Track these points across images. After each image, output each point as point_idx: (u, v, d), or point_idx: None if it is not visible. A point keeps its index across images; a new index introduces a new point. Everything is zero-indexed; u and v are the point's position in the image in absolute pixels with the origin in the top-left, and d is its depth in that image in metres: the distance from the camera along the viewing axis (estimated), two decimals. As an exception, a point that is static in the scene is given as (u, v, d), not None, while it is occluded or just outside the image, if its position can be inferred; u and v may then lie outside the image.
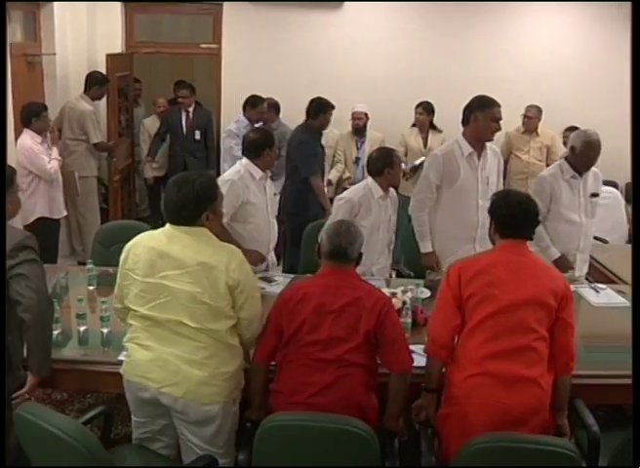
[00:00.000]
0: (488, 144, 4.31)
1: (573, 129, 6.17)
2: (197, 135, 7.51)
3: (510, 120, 6.85)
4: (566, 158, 4.44)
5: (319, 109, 5.82)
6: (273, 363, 3.03)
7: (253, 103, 6.68)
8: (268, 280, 4.25)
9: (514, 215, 2.98)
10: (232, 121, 6.85)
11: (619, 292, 4.38)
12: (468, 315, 2.91)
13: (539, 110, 7.13)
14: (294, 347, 2.92)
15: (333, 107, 5.87)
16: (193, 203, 2.76)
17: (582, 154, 4.32)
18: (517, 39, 7.74)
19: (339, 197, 4.42)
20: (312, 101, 5.91)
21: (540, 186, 4.41)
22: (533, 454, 2.50)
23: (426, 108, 6.92)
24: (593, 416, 3.03)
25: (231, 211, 4.09)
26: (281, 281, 4.26)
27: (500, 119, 4.14)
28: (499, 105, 4.14)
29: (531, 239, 3.03)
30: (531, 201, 3.07)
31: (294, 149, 5.84)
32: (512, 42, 7.73)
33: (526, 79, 7.59)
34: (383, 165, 4.26)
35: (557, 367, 2.92)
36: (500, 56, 7.71)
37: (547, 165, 6.98)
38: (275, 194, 4.65)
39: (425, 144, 6.91)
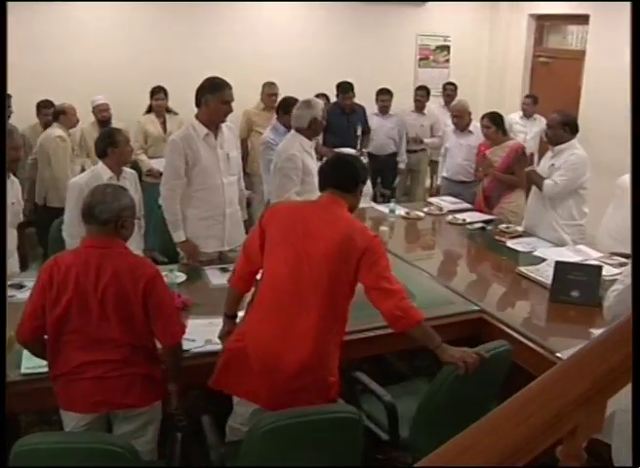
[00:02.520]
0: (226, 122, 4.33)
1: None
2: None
3: (249, 98, 6.98)
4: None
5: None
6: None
7: None
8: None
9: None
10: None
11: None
12: (267, 257, 2.90)
13: (276, 87, 7.23)
14: (65, 329, 2.72)
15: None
16: None
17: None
18: (249, 19, 7.83)
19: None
20: None
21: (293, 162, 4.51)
22: (319, 425, 2.49)
23: (158, 93, 6.76)
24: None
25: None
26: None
27: (232, 101, 4.17)
28: (229, 87, 4.14)
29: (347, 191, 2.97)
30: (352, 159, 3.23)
31: None
32: (243, 22, 7.81)
33: (261, 58, 7.71)
34: (105, 145, 4.22)
35: (394, 328, 2.89)
36: (232, 36, 7.76)
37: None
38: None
39: (165, 129, 6.74)
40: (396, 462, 3.46)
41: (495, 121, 5.62)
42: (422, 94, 7.72)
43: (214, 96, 4.08)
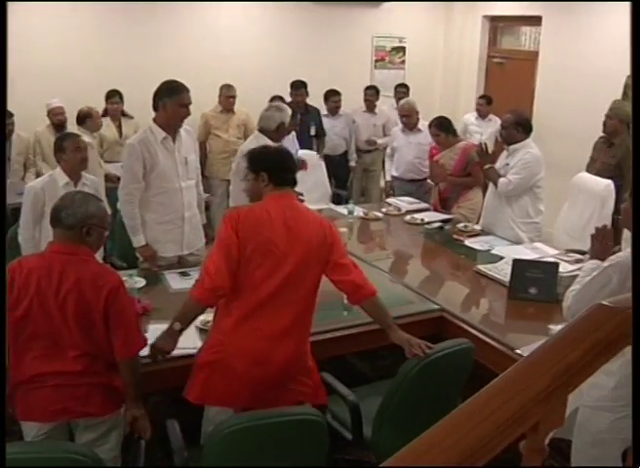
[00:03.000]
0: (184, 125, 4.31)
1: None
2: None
3: (206, 101, 6.95)
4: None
5: None
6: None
7: None
8: None
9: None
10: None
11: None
12: (245, 265, 2.87)
13: (234, 89, 7.22)
14: (25, 333, 2.69)
15: None
16: None
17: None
18: (204, 20, 7.78)
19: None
20: None
21: None
22: (281, 427, 2.48)
23: (114, 96, 6.74)
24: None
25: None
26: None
27: (189, 104, 4.15)
28: (187, 90, 4.12)
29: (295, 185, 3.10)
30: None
31: None
32: (200, 24, 7.75)
33: (217, 60, 7.66)
34: (55, 151, 4.24)
35: (354, 299, 3.07)
36: (189, 38, 7.69)
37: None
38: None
39: (120, 133, 6.67)
40: (361, 462, 3.48)
41: (442, 127, 5.63)
42: (372, 93, 7.78)
43: (171, 99, 4.05)
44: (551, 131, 7.27)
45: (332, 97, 7.52)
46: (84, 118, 6.09)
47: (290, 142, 5.72)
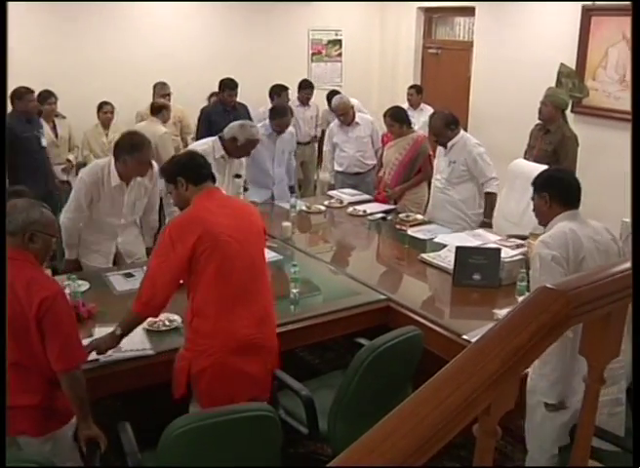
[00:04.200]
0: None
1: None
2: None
3: (143, 98, 6.86)
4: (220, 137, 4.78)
5: None
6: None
7: None
8: None
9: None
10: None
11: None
12: (204, 265, 2.88)
13: (168, 87, 7.16)
14: None
15: None
16: None
17: None
18: (138, 19, 7.67)
19: None
20: None
21: None
22: (233, 424, 2.47)
23: (49, 97, 6.53)
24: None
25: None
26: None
27: (151, 159, 4.18)
28: (148, 146, 4.11)
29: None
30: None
31: None
32: (133, 22, 7.63)
33: (152, 58, 7.54)
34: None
35: None
36: (123, 37, 7.55)
37: (182, 138, 7.39)
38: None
39: (56, 134, 6.54)
40: (315, 454, 3.50)
41: (396, 118, 5.68)
42: (309, 91, 7.97)
43: (132, 156, 4.03)
44: (488, 119, 7.40)
45: (304, 89, 7.86)
46: (160, 109, 6.53)
47: (287, 143, 5.85)
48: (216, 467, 2.50)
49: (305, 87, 7.95)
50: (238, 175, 4.97)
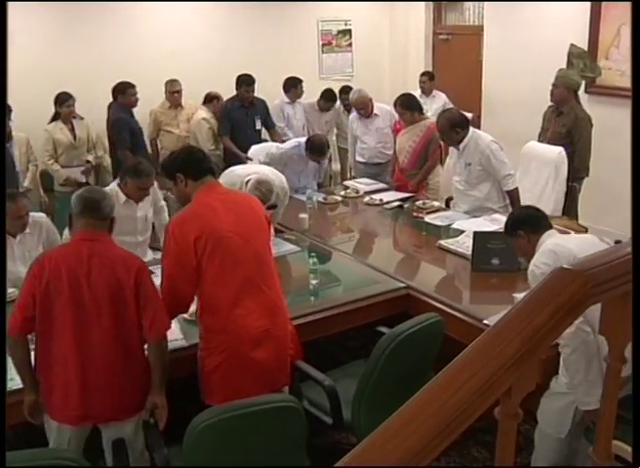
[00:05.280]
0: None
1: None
2: None
3: (154, 97, 6.88)
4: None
5: None
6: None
7: None
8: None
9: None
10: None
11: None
12: (210, 261, 2.90)
13: (178, 84, 7.13)
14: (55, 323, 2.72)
15: None
16: None
17: None
18: (149, 17, 7.67)
19: None
20: None
21: None
22: (258, 416, 2.48)
23: (68, 99, 6.53)
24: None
25: None
26: None
27: (149, 187, 4.28)
28: (148, 174, 4.20)
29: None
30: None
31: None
32: (144, 21, 7.63)
33: (163, 56, 7.53)
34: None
35: None
36: (134, 36, 7.56)
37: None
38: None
39: (74, 136, 6.55)
40: (340, 444, 3.51)
41: (406, 106, 5.66)
42: (331, 105, 7.72)
43: (133, 180, 4.21)
44: (501, 103, 7.35)
45: (328, 101, 7.64)
46: (212, 99, 7.04)
47: (310, 172, 5.88)
48: (241, 459, 2.52)
49: (328, 99, 7.66)
50: None
